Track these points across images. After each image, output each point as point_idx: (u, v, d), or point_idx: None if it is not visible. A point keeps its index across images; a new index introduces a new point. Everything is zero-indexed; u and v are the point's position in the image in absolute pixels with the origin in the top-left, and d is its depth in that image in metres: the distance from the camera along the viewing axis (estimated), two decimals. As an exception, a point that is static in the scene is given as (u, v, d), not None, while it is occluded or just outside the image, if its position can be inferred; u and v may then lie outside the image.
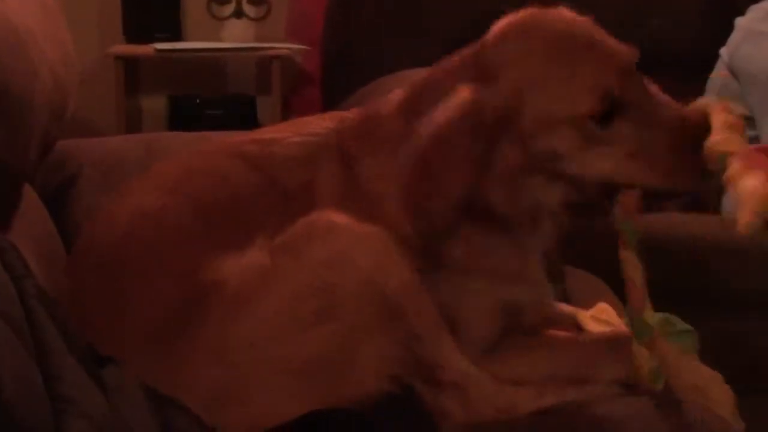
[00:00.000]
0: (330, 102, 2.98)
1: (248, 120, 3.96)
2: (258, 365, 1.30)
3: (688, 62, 2.88)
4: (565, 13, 1.43)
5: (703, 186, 1.41)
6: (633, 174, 1.37)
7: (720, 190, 2.63)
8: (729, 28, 2.71)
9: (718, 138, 1.32)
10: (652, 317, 1.41)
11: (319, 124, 1.57)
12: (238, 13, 4.20)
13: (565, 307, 1.67)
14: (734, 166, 1.27)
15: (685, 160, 1.35)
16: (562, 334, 1.56)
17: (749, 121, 2.58)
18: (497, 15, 1.46)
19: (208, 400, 1.25)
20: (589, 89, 1.35)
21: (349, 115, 1.57)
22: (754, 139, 2.58)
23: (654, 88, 1.40)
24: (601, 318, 1.63)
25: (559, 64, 1.38)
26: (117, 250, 1.45)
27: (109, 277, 1.42)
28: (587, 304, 1.67)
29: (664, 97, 1.39)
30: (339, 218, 1.37)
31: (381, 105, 1.55)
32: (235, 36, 4.15)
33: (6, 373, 0.89)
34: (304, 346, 1.31)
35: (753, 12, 2.68)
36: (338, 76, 3.00)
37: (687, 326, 1.57)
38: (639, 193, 1.38)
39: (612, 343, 1.49)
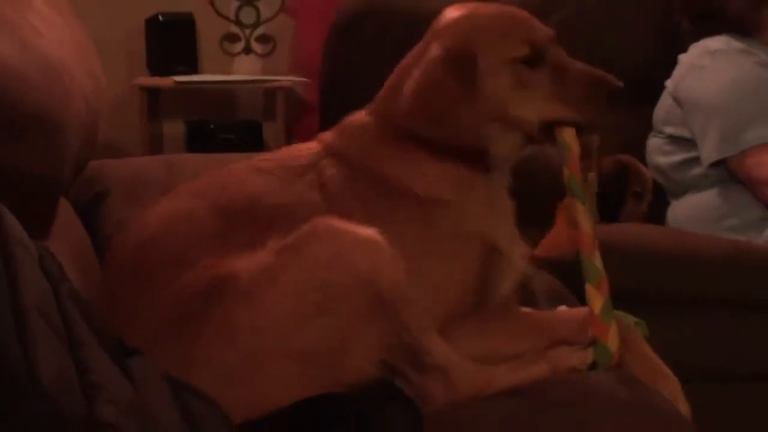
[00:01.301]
0: (327, 128, 2.96)
1: (256, 143, 3.96)
2: (262, 351, 1.30)
3: (638, 91, 2.88)
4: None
5: (606, 118, 1.54)
6: (556, 110, 1.52)
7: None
8: (673, 63, 2.72)
9: None
10: (599, 261, 1.48)
11: (310, 145, 1.61)
12: (247, 50, 4.20)
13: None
14: None
15: (592, 99, 1.51)
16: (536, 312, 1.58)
17: (691, 143, 2.59)
18: None
19: (217, 382, 1.25)
20: (521, 40, 1.52)
21: (326, 133, 1.62)
22: (695, 159, 2.58)
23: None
24: None
25: (500, 21, 1.56)
26: (143, 248, 1.45)
27: (135, 272, 1.42)
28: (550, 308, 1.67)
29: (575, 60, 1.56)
30: (339, 223, 1.37)
31: (355, 113, 1.62)
32: (245, 70, 4.14)
33: (43, 364, 0.89)
34: (305, 335, 1.30)
35: (694, 49, 2.69)
36: (335, 106, 2.99)
37: (637, 319, 1.57)
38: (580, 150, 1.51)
39: (581, 324, 1.48)
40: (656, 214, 2.68)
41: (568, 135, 1.50)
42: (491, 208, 1.55)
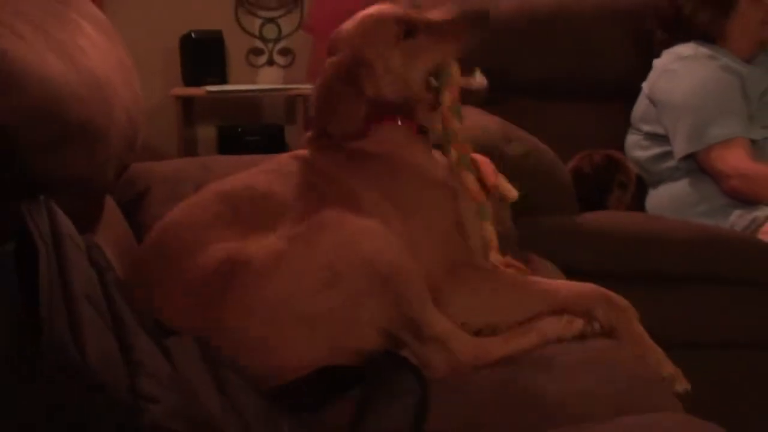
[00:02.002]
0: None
1: (279, 144, 3.96)
2: (277, 322, 1.30)
3: (618, 92, 2.88)
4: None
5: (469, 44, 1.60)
6: (434, 57, 1.58)
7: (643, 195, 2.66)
8: (649, 67, 2.71)
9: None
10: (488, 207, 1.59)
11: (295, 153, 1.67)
12: (270, 62, 4.20)
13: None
14: None
15: (461, 34, 1.58)
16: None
17: (665, 138, 2.59)
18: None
19: (238, 353, 1.24)
20: (394, 21, 1.58)
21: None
22: (668, 153, 2.58)
23: (433, 13, 1.62)
24: None
25: (372, 18, 1.63)
26: (164, 235, 1.46)
27: (163, 256, 1.42)
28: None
29: (437, 14, 1.61)
30: (345, 215, 1.38)
31: None
32: (268, 80, 4.15)
33: (91, 345, 0.89)
34: (315, 308, 1.31)
35: (666, 55, 2.68)
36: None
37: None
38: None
39: (578, 295, 1.49)
40: (640, 202, 2.68)
41: (452, 67, 1.59)
42: (434, 160, 1.62)
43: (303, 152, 1.64)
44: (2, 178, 1.14)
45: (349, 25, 1.65)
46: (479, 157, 1.70)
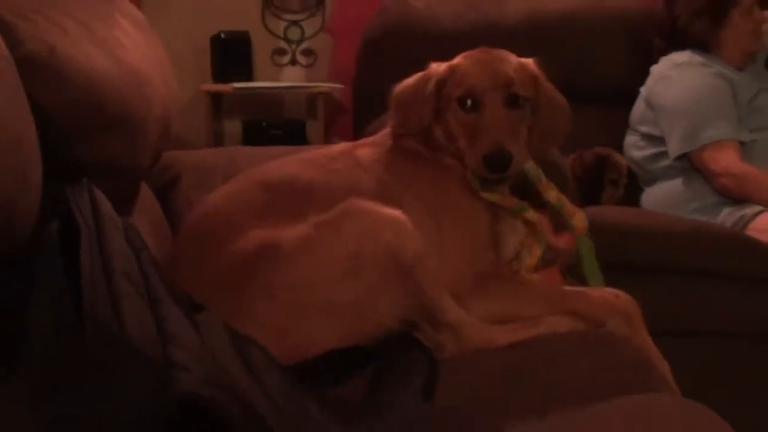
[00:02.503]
0: (359, 125, 2.97)
1: (300, 139, 3.95)
2: (299, 305, 1.29)
3: (617, 96, 2.87)
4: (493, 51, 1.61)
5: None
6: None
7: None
8: (646, 73, 2.71)
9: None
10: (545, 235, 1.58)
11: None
12: (293, 61, 4.19)
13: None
14: None
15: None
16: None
17: (660, 140, 2.58)
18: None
19: (261, 332, 1.22)
20: (461, 84, 1.56)
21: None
22: (663, 153, 2.57)
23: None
24: None
25: (463, 65, 1.59)
26: (204, 220, 1.45)
27: (198, 239, 1.42)
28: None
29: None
30: (368, 204, 1.36)
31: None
32: (291, 78, 4.14)
33: (129, 317, 0.90)
34: (336, 293, 1.30)
35: (663, 61, 2.68)
36: (365, 107, 2.98)
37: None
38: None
39: (594, 302, 1.48)
40: (631, 198, 2.67)
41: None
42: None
43: (349, 145, 1.63)
44: (49, 162, 1.14)
45: (472, 59, 1.59)
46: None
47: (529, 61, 1.62)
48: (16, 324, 0.93)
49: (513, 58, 1.60)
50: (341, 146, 1.65)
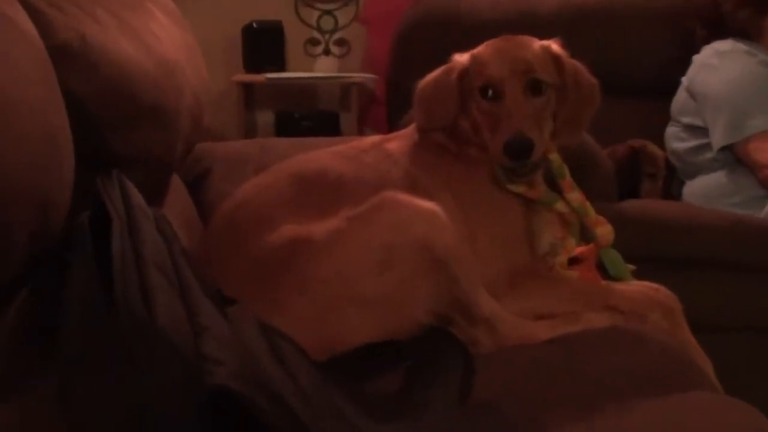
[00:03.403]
0: (393, 117, 2.97)
1: (333, 130, 3.96)
2: (331, 299, 1.29)
3: (658, 85, 2.84)
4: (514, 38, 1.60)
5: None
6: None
7: (680, 185, 2.63)
8: (688, 62, 2.68)
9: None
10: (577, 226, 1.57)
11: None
12: (327, 51, 4.20)
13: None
14: None
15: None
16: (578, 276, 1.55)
17: (703, 131, 2.55)
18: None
19: (293, 325, 1.22)
20: (482, 74, 1.55)
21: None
22: (707, 145, 2.54)
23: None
24: None
25: (484, 53, 1.58)
26: (236, 212, 1.45)
27: (230, 230, 1.42)
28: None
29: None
30: (402, 196, 1.36)
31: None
32: (324, 68, 4.15)
33: (160, 308, 0.90)
34: (369, 287, 1.29)
35: (705, 50, 2.64)
36: (399, 98, 2.97)
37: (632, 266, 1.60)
38: None
39: (631, 297, 1.47)
40: (670, 191, 2.65)
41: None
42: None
43: (380, 138, 1.63)
44: (80, 152, 1.15)
45: (491, 48, 1.59)
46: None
47: (551, 43, 1.60)
48: (52, 316, 0.94)
49: (535, 43, 1.59)
50: (372, 139, 1.64)
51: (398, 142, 1.60)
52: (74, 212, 1.09)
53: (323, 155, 1.57)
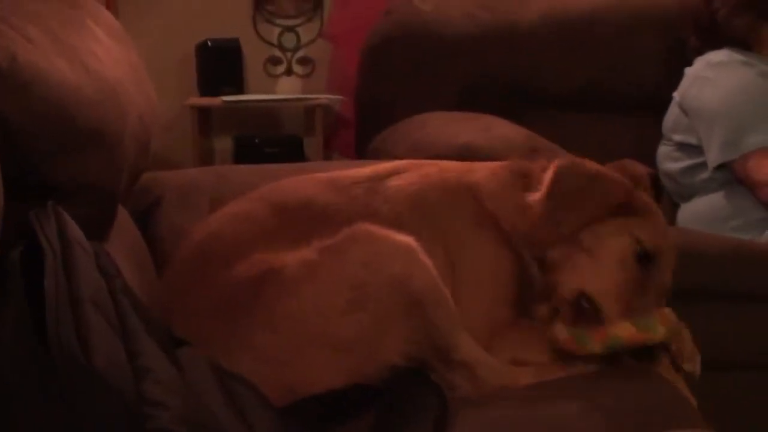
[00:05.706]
0: (362, 141, 2.98)
1: (297, 156, 3.96)
2: (299, 338, 1.29)
3: (649, 102, 2.87)
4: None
5: None
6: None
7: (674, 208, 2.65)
8: (680, 76, 2.70)
9: None
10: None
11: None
12: (289, 71, 4.22)
13: None
14: None
15: None
16: None
17: (697, 149, 2.57)
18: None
19: (257, 365, 1.23)
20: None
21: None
22: (701, 164, 2.56)
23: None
24: None
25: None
26: (206, 242, 1.46)
27: (196, 262, 1.43)
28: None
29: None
30: (376, 229, 1.36)
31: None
32: (286, 89, 4.17)
33: (97, 349, 0.90)
34: (340, 327, 1.30)
35: (698, 62, 2.67)
36: (368, 120, 2.99)
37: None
38: None
39: None
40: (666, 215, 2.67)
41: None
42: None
43: (390, 168, 1.60)
44: (9, 180, 1.15)
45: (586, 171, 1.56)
46: None
47: None
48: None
49: None
50: (377, 167, 1.62)
51: (410, 177, 1.57)
52: (3, 247, 1.08)
53: (310, 182, 1.57)
